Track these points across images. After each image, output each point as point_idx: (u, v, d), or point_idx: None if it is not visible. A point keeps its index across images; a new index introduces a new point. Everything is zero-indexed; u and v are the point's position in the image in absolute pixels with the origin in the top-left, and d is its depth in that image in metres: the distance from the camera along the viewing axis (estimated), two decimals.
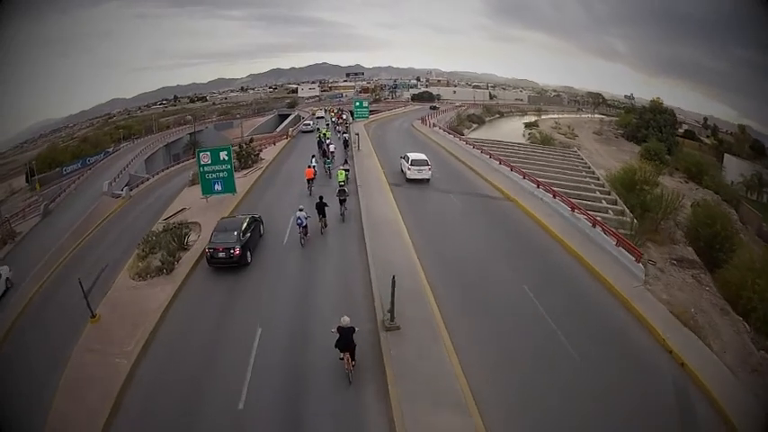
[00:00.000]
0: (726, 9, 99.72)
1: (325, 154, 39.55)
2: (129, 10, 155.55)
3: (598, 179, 43.30)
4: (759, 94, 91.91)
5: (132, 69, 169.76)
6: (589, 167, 50.13)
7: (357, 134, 45.16)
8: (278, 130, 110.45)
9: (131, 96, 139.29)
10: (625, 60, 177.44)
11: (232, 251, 20.00)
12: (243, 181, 34.49)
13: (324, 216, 23.79)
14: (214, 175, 29.26)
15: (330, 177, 34.86)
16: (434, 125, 64.67)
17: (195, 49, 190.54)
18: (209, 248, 20.41)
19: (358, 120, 69.05)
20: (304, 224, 22.13)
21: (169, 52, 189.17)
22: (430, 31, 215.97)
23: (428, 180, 33.73)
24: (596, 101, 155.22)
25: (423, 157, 34.85)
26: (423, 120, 69.68)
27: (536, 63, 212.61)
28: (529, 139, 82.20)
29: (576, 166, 50.12)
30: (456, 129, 70.46)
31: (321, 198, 23.90)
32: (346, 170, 30.59)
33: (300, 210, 22.29)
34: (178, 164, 75.90)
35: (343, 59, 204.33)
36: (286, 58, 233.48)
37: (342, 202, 25.85)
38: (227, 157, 29.17)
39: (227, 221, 22.56)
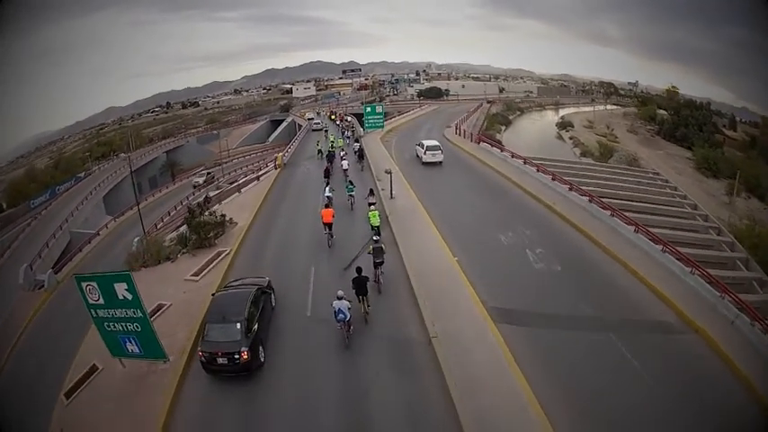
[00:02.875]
0: None
1: (327, 174, 30.92)
2: (121, 17, 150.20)
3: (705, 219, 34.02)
4: (756, 75, 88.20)
5: (127, 76, 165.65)
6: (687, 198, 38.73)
7: (389, 172, 27.20)
8: (270, 139, 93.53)
9: (127, 104, 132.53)
10: (619, 45, 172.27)
11: (237, 355, 12.50)
12: (192, 295, 17.74)
13: (365, 295, 15.13)
14: (120, 328, 12.58)
15: (352, 209, 26.07)
16: (464, 131, 49.02)
17: (189, 53, 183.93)
18: (202, 351, 12.89)
19: (370, 130, 52.04)
20: (348, 318, 13.86)
21: (163, 57, 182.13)
22: (423, 24, 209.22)
23: (441, 163, 36.15)
24: (608, 91, 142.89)
25: (436, 143, 37.86)
26: (456, 127, 52.58)
27: (531, 52, 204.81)
28: (576, 147, 66.49)
29: (672, 198, 38.52)
30: (490, 135, 53.78)
31: (360, 272, 15.27)
32: (372, 203, 23.43)
33: (340, 297, 13.81)
34: (147, 198, 60.77)
35: (337, 57, 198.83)
36: (280, 58, 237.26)
37: (378, 264, 17.00)
38: (129, 294, 12.32)
39: (225, 300, 14.75)
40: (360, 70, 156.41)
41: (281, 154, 40.40)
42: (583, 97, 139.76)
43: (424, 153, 36.71)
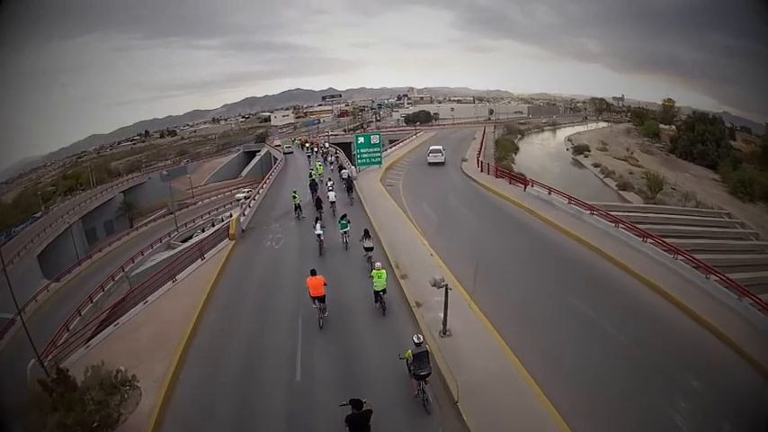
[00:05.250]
0: None
1: (319, 204, 25.34)
2: (104, 43, 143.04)
3: None
4: (737, 80, 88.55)
5: (110, 104, 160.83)
6: None
7: (442, 285, 12.01)
8: (243, 173, 79.41)
9: (109, 132, 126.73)
10: (601, 60, 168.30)
11: None
12: None
13: None
14: None
15: (347, 249, 20.64)
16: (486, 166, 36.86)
17: (171, 80, 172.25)
18: None
19: (363, 168, 38.54)
20: None
21: (145, 85, 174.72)
22: (402, 48, 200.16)
23: (443, 163, 40.04)
24: (599, 107, 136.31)
25: (439, 147, 42.46)
26: (478, 160, 39.59)
27: (509, 72, 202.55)
28: (607, 177, 54.81)
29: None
30: (507, 168, 40.92)
31: (359, 406, 9.15)
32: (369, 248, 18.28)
33: None
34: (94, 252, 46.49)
35: (316, 84, 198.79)
36: (259, 86, 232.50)
37: (420, 377, 10.69)
38: None
39: None
40: (340, 96, 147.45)
41: (235, 215, 25.22)
42: (572, 115, 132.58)
43: (428, 155, 42.08)
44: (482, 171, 36.04)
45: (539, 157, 66.25)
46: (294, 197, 25.96)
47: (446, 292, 12.62)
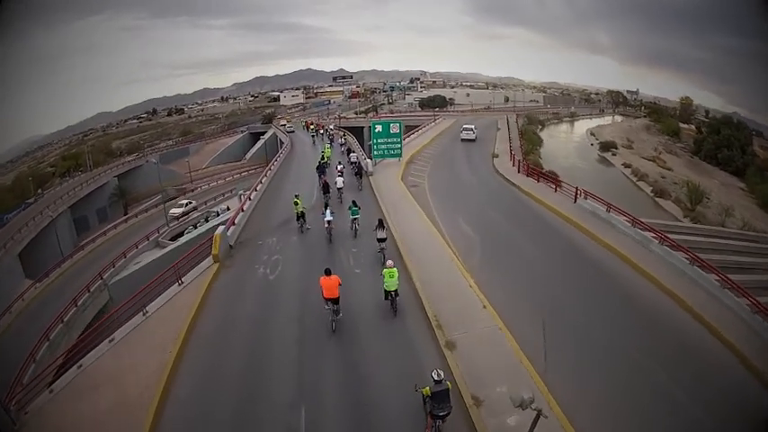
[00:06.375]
0: None
1: (327, 189, 23.77)
2: (112, 23, 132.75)
3: None
4: (745, 81, 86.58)
5: (118, 83, 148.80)
6: None
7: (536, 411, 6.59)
8: (247, 156, 73.58)
9: (117, 110, 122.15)
10: (609, 53, 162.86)
11: None
12: None
13: None
14: None
15: (356, 237, 19.28)
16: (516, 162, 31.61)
17: (180, 59, 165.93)
18: None
19: (379, 159, 32.88)
20: None
21: (154, 64, 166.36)
22: (413, 33, 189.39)
23: (474, 140, 42.05)
24: (616, 100, 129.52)
25: (471, 126, 45.05)
26: (511, 156, 33.84)
27: (520, 60, 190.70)
28: (641, 180, 50.18)
29: None
30: (535, 164, 35.50)
31: None
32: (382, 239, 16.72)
33: None
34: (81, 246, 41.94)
35: (327, 65, 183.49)
36: (270, 66, 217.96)
37: (437, 417, 9.20)
38: None
39: None
40: (351, 77, 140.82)
41: (217, 233, 18.27)
42: (588, 107, 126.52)
43: (461, 132, 45.07)
44: (519, 172, 30.17)
45: (564, 152, 60.09)
46: (296, 203, 20.12)
47: (536, 419, 7.06)
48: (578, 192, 23.62)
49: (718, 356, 11.88)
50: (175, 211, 45.84)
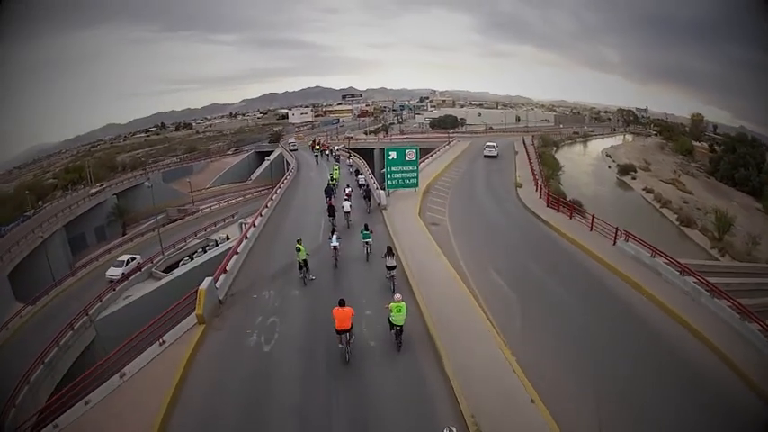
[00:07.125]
0: (715, 10, 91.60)
1: (332, 212, 23.59)
2: (122, 34, 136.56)
3: None
4: (753, 93, 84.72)
5: (127, 94, 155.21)
6: None
7: None
8: (253, 177, 71.01)
9: (126, 122, 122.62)
10: (618, 70, 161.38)
11: None
12: None
13: None
14: None
15: (368, 261, 18.74)
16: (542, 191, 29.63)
17: (189, 74, 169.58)
18: None
19: (393, 190, 29.89)
20: None
21: (164, 78, 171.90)
22: (421, 50, 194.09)
23: (496, 156, 45.10)
24: (627, 119, 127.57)
25: (493, 144, 48.69)
26: (536, 184, 31.37)
27: (529, 79, 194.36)
28: (664, 206, 47.66)
29: None
30: (556, 190, 32.67)
31: None
32: (392, 266, 16.00)
33: None
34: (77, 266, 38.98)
35: (336, 83, 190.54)
36: (279, 83, 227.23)
37: None
38: None
39: None
40: (360, 95, 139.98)
41: (202, 287, 14.52)
42: (598, 126, 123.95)
43: (484, 149, 48.28)
44: (548, 206, 27.00)
45: (585, 178, 56.88)
46: (299, 249, 16.97)
47: None
48: (618, 232, 20.45)
49: None
50: (114, 271, 35.81)
